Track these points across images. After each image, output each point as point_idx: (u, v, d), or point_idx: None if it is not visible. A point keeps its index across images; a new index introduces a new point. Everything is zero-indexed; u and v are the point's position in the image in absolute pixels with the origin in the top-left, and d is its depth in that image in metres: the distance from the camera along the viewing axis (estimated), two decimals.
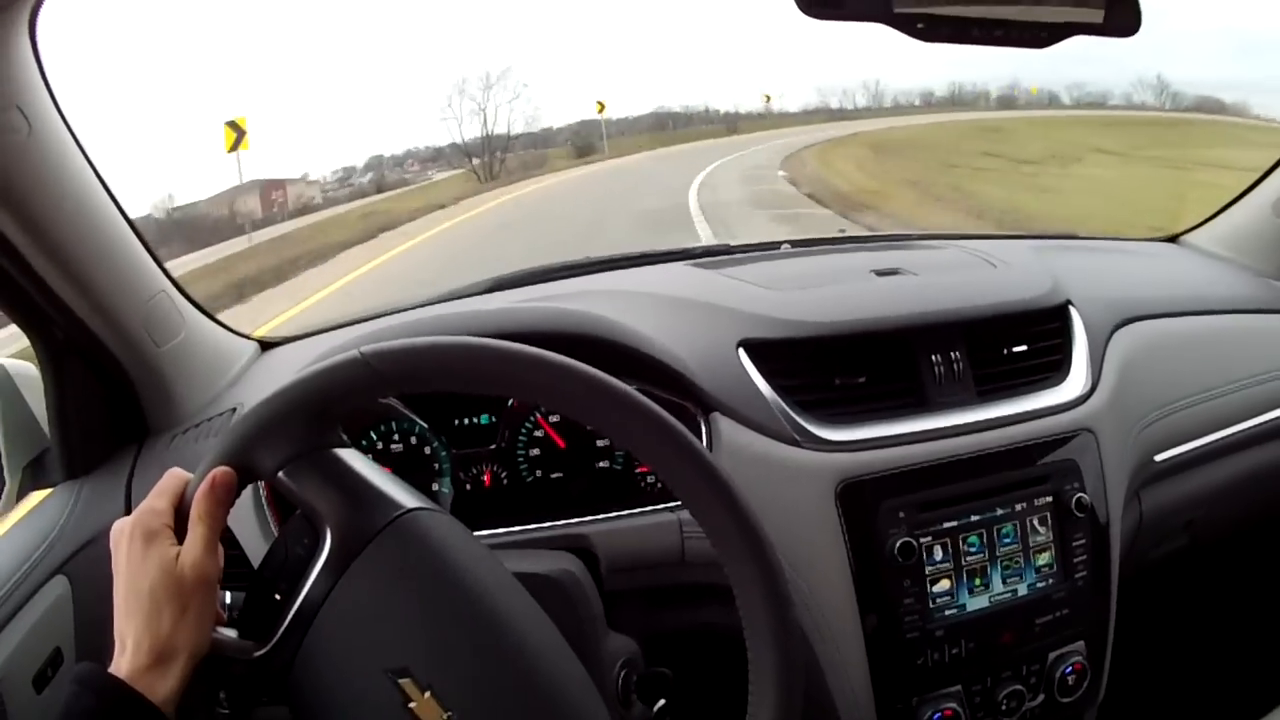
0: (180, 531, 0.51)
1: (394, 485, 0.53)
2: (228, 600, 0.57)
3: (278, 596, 0.50)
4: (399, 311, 1.03)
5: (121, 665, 0.47)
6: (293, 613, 0.49)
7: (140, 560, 0.49)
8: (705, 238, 6.46)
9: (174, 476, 0.53)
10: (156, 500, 0.52)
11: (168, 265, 0.89)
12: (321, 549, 0.49)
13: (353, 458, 0.53)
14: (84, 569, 0.81)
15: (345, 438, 0.54)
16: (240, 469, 0.51)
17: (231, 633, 0.51)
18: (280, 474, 0.51)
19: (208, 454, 0.52)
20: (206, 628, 0.49)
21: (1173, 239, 1.39)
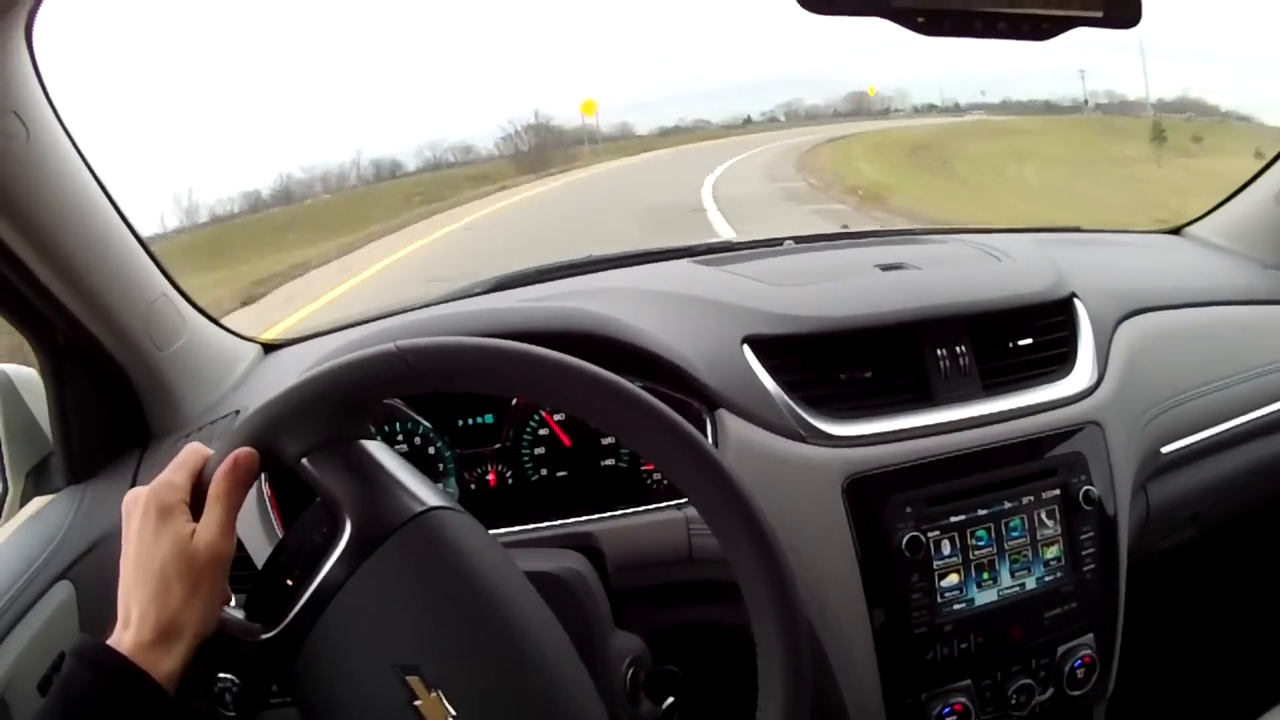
0: (195, 508, 0.49)
1: (419, 482, 0.52)
2: (231, 604, 0.56)
3: (289, 582, 0.50)
4: (404, 312, 1.02)
5: (124, 640, 0.46)
6: (305, 599, 0.48)
7: (153, 535, 0.48)
8: None
9: (194, 451, 0.52)
10: (174, 474, 0.50)
11: None
12: (340, 538, 0.49)
13: (380, 450, 0.52)
14: (88, 574, 0.80)
15: (373, 430, 0.53)
16: (264, 452, 0.50)
17: (239, 614, 0.50)
18: (303, 461, 0.50)
19: (230, 434, 0.51)
20: (216, 608, 0.48)
21: (1176, 231, 1.38)
